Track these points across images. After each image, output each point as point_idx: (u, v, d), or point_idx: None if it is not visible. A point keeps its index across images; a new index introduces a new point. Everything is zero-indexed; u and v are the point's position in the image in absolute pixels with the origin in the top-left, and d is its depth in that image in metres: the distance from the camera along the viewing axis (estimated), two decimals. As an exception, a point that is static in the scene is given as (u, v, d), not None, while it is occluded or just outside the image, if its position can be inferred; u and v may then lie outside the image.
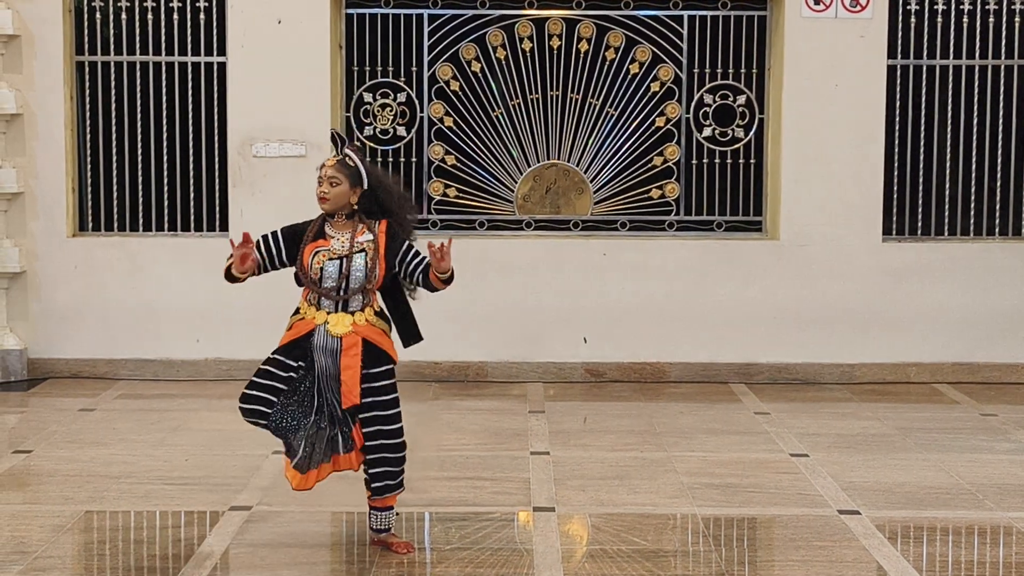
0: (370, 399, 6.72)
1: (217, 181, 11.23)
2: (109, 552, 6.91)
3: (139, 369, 11.15)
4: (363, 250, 6.68)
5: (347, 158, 6.72)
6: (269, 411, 6.73)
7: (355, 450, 6.85)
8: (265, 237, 6.84)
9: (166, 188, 11.28)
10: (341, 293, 6.67)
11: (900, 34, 11.19)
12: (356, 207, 6.73)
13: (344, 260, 6.65)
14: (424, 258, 6.82)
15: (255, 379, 6.81)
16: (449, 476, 8.26)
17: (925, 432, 9.50)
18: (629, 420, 9.85)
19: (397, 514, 7.04)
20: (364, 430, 6.77)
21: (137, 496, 7.81)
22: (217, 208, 11.24)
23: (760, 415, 10.02)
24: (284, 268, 6.87)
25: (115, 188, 11.28)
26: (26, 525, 7.24)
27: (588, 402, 10.52)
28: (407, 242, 6.82)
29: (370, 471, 6.83)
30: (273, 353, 6.83)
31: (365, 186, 6.73)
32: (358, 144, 6.96)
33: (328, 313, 6.69)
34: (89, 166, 11.28)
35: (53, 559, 6.72)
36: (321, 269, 6.66)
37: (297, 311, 6.82)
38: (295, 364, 6.76)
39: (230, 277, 6.85)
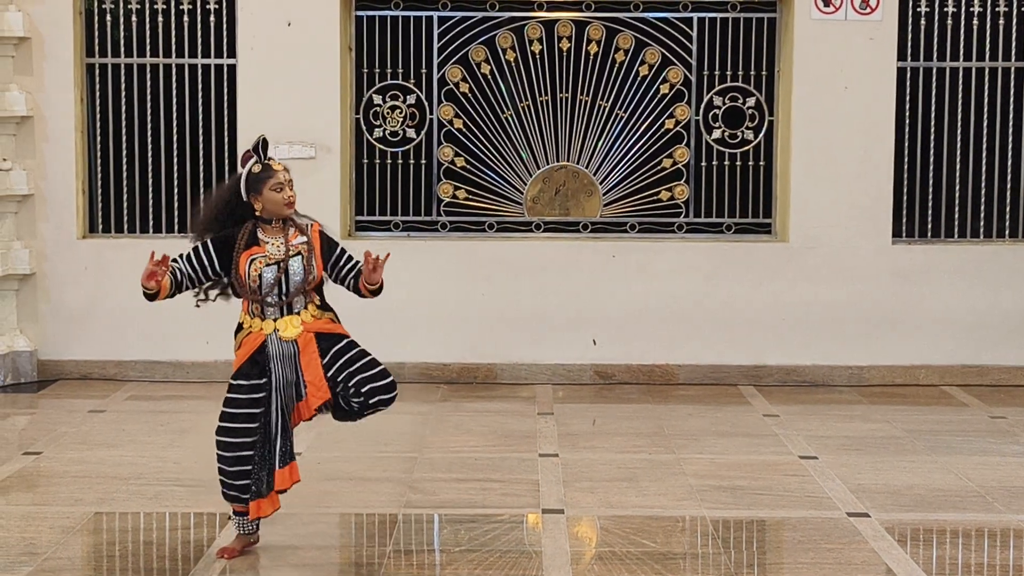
0: (339, 362, 6.66)
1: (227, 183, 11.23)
2: (119, 554, 6.93)
3: (149, 371, 11.17)
4: (299, 253, 6.66)
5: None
6: (249, 481, 6.72)
7: (291, 465, 6.76)
8: (196, 248, 6.76)
9: (176, 190, 11.29)
10: (283, 297, 6.64)
11: (910, 36, 11.18)
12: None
13: (280, 264, 6.62)
14: (357, 263, 6.78)
15: (226, 440, 6.76)
16: (458, 478, 8.27)
17: (934, 434, 9.49)
18: (638, 422, 9.85)
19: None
20: (348, 383, 6.65)
21: (147, 498, 7.82)
22: (227, 210, 11.23)
23: (769, 417, 10.02)
24: (215, 279, 6.77)
25: (125, 190, 11.30)
26: (35, 526, 7.26)
27: (597, 404, 10.52)
28: (340, 247, 6.80)
29: (362, 388, 6.66)
30: (234, 378, 6.74)
31: None
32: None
33: (274, 320, 6.66)
34: (99, 168, 11.30)
35: (62, 560, 6.74)
36: (259, 276, 6.61)
37: (240, 327, 6.77)
38: (262, 382, 6.68)
39: (146, 294, 6.71)
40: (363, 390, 6.66)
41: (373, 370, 6.69)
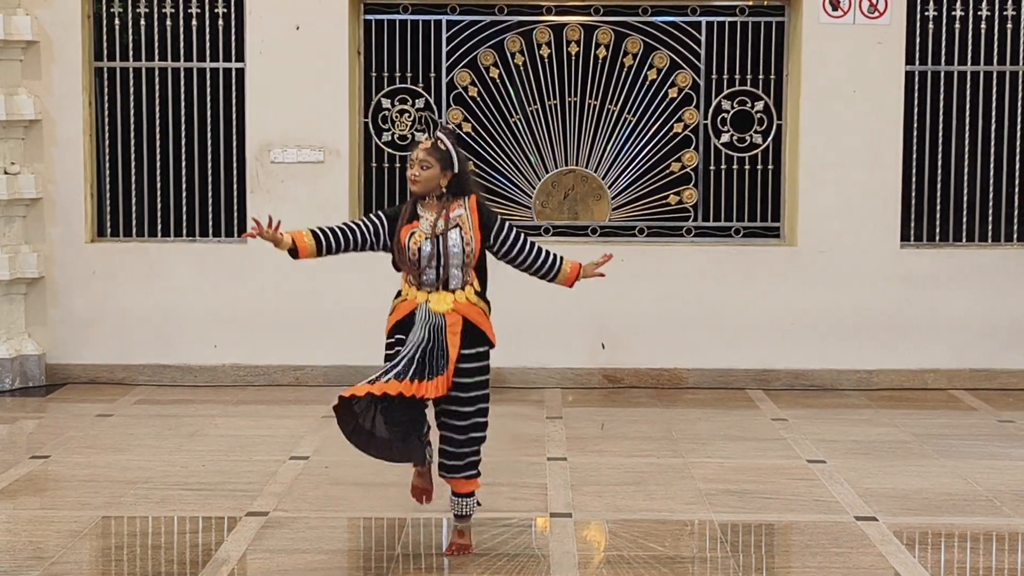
0: (455, 380, 6.73)
1: (235, 187, 11.25)
2: (126, 558, 6.93)
3: (157, 375, 11.17)
4: (457, 225, 6.75)
5: (439, 141, 6.77)
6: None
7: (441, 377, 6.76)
8: (370, 216, 6.88)
9: (184, 194, 11.30)
10: (440, 271, 6.72)
11: (918, 40, 11.18)
12: (445, 190, 6.79)
13: (440, 238, 6.70)
14: (528, 244, 6.92)
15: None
16: (466, 482, 8.25)
17: (942, 438, 9.48)
18: (646, 426, 9.85)
19: (479, 504, 7.07)
20: (438, 407, 6.81)
21: (154, 502, 7.82)
22: (235, 214, 11.26)
23: (777, 421, 10.01)
24: (376, 251, 6.88)
25: (133, 194, 11.31)
26: (43, 530, 7.26)
27: (605, 408, 10.52)
28: (500, 219, 6.88)
29: (438, 447, 6.88)
30: (387, 339, 6.86)
31: (455, 170, 6.79)
32: (451, 127, 7.07)
33: (429, 292, 6.74)
34: (107, 172, 11.30)
35: (70, 564, 6.74)
36: (419, 249, 6.71)
37: (399, 294, 6.87)
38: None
39: (293, 252, 6.83)
40: (440, 420, 6.85)
41: (459, 435, 6.81)
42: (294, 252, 6.79)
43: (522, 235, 6.94)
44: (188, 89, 11.27)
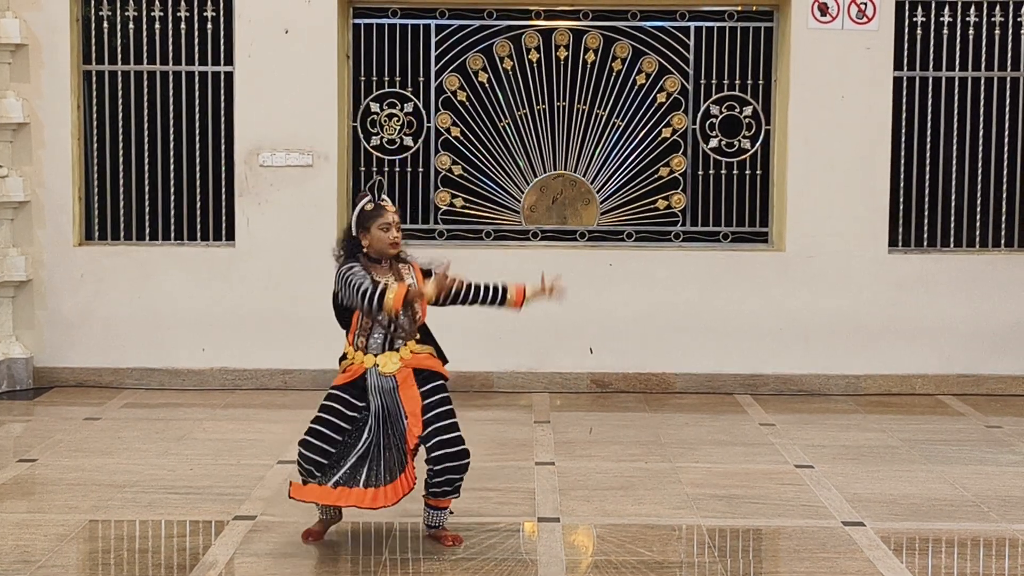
0: (426, 416, 6.87)
1: (224, 190, 11.25)
2: (113, 561, 6.91)
3: (145, 378, 11.16)
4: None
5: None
6: (325, 462, 6.93)
7: (393, 484, 6.91)
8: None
9: (172, 197, 11.29)
10: (387, 339, 6.87)
11: (906, 46, 11.19)
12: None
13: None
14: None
15: (316, 427, 6.96)
16: (454, 486, 8.25)
17: (930, 444, 9.49)
18: (634, 431, 9.85)
19: (451, 512, 7.18)
20: (426, 444, 6.90)
21: (141, 505, 7.81)
22: (223, 217, 11.25)
23: (765, 426, 10.01)
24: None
25: (121, 197, 11.30)
26: (30, 534, 7.24)
27: (594, 412, 10.51)
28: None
29: (434, 479, 6.94)
30: (332, 388, 6.99)
31: None
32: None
33: (375, 355, 6.87)
34: (96, 175, 11.29)
35: (57, 568, 6.72)
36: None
37: (345, 356, 6.99)
38: (359, 404, 6.93)
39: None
40: (435, 455, 6.90)
41: (451, 435, 6.89)
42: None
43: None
44: (177, 92, 11.26)
